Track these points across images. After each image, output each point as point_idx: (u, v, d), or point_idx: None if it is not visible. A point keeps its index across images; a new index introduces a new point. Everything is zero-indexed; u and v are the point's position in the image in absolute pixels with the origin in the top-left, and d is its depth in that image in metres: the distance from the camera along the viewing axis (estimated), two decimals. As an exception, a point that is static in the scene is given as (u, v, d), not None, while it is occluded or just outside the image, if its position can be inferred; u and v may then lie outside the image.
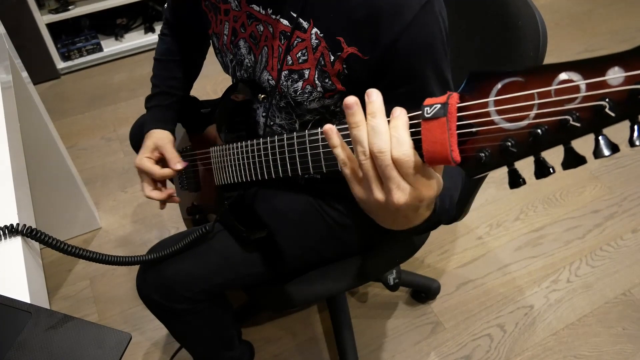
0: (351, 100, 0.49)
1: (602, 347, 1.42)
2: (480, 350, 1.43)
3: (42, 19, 2.28)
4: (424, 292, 1.53)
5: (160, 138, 1.01)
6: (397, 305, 1.54)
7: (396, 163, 0.48)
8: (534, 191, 1.86)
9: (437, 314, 1.51)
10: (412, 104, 0.49)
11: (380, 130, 0.48)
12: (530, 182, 0.44)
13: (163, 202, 1.07)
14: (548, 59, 0.88)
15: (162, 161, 1.03)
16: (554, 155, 0.42)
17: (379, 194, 0.51)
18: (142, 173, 1.02)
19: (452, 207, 0.72)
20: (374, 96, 0.49)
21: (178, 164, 1.00)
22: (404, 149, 0.48)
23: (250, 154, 0.80)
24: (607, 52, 0.36)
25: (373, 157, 0.49)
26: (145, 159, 1.01)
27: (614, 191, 1.85)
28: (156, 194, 1.02)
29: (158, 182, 1.05)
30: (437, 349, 1.44)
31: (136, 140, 1.24)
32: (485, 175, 0.94)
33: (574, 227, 1.74)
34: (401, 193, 0.50)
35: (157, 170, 1.00)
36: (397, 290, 1.50)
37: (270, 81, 0.84)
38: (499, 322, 1.49)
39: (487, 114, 0.43)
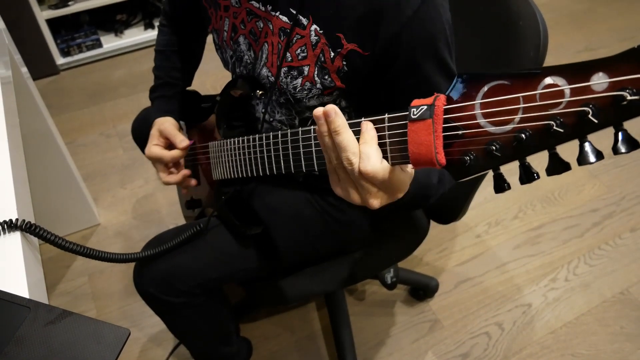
0: (319, 111, 0.53)
1: (600, 346, 1.43)
2: (478, 348, 1.43)
3: (42, 15, 2.28)
4: (422, 290, 1.54)
5: (162, 123, 1.02)
6: (395, 303, 1.54)
7: (364, 176, 0.51)
8: (532, 190, 1.87)
9: (435, 312, 1.52)
10: (418, 97, 0.49)
11: (345, 145, 0.52)
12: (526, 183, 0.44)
13: (185, 187, 1.07)
14: (547, 58, 0.88)
15: (172, 148, 1.03)
16: (540, 160, 0.42)
17: (355, 196, 0.55)
18: (155, 162, 1.03)
19: (445, 182, 0.74)
20: (332, 116, 0.52)
21: (183, 141, 1.00)
22: (371, 163, 0.51)
23: (246, 150, 0.80)
24: (607, 50, 0.36)
25: (344, 165, 0.53)
26: (153, 147, 1.01)
27: (612, 190, 1.86)
28: (172, 178, 1.03)
29: (172, 167, 1.05)
30: (435, 347, 1.44)
31: (138, 134, 1.24)
32: (483, 176, 0.94)
33: (572, 226, 1.74)
34: (374, 199, 0.54)
35: (166, 154, 1.00)
36: (394, 289, 1.50)
37: (269, 77, 0.84)
38: (497, 321, 1.49)
39: (473, 117, 0.43)
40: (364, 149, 0.51)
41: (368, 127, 0.52)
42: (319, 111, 0.53)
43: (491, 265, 1.64)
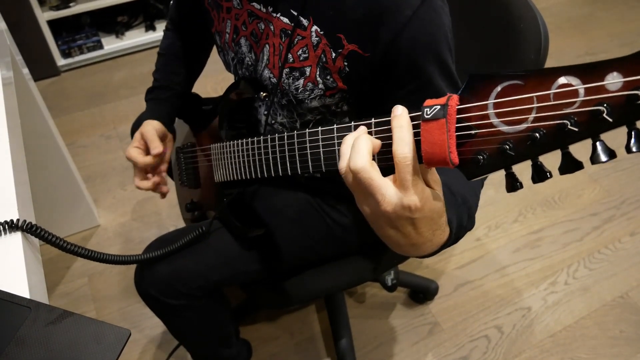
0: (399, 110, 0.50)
1: (599, 350, 1.42)
2: (478, 352, 1.43)
3: (43, 16, 2.28)
4: (422, 292, 1.54)
5: (145, 126, 1.02)
6: (395, 306, 1.54)
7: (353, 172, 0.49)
8: (532, 193, 1.87)
9: (435, 315, 1.51)
10: (420, 101, 0.49)
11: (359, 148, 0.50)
12: (528, 185, 0.44)
13: (161, 193, 1.08)
14: (548, 62, 0.88)
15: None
16: (551, 160, 0.42)
17: (365, 207, 0.52)
18: (133, 164, 1.04)
19: (471, 220, 0.68)
20: (358, 132, 0.51)
21: (156, 148, 1.00)
22: (405, 150, 0.47)
23: (250, 152, 0.80)
24: (607, 55, 0.37)
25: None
26: (132, 149, 1.02)
27: (612, 194, 1.86)
28: (143, 184, 1.04)
29: (149, 173, 1.06)
30: (434, 349, 1.44)
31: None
32: (484, 177, 0.94)
33: (572, 230, 1.74)
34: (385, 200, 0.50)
35: (140, 159, 1.01)
36: (394, 291, 1.50)
37: (271, 79, 0.84)
38: (496, 324, 1.49)
39: (487, 117, 0.43)
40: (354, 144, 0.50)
41: (404, 111, 0.50)
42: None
43: (491, 268, 1.64)
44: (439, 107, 0.46)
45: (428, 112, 0.46)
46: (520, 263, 1.65)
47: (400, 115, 0.49)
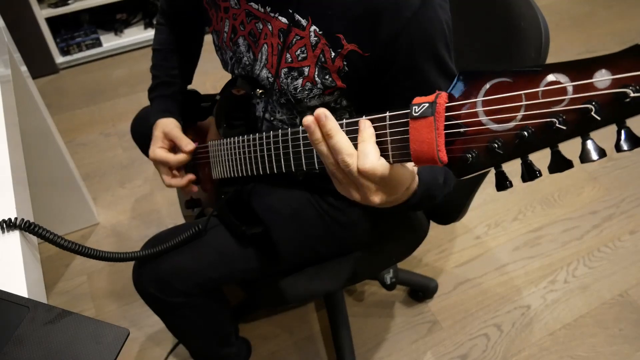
0: (308, 120, 0.53)
1: (599, 348, 1.42)
2: (477, 350, 1.43)
3: (42, 13, 2.28)
4: (421, 291, 1.54)
5: (166, 125, 1.01)
6: (394, 304, 1.54)
7: (362, 174, 0.52)
8: (532, 192, 1.87)
9: (434, 313, 1.51)
10: None
11: (339, 147, 0.52)
12: (528, 183, 0.44)
13: (186, 189, 1.07)
14: (549, 60, 0.88)
15: (175, 150, 1.03)
16: (543, 159, 0.42)
17: (356, 195, 0.56)
18: (159, 164, 1.03)
19: (450, 182, 0.73)
20: (323, 119, 0.52)
21: (188, 145, 1.00)
22: (369, 160, 0.51)
23: (246, 149, 0.80)
24: (607, 53, 0.36)
25: (341, 167, 0.53)
26: (158, 149, 1.01)
27: (612, 192, 1.86)
28: (176, 181, 1.03)
29: (175, 170, 1.05)
30: (433, 348, 1.44)
31: (137, 134, 1.24)
32: (483, 177, 0.94)
33: (571, 228, 1.74)
34: (374, 196, 0.55)
35: (172, 158, 1.00)
36: (394, 289, 1.50)
37: (269, 78, 0.84)
38: (495, 322, 1.49)
39: (475, 114, 0.43)
40: (361, 147, 0.52)
41: (366, 125, 0.53)
42: (308, 120, 0.53)
43: (490, 266, 1.64)
44: (427, 104, 0.46)
45: (416, 110, 0.46)
46: (520, 261, 1.65)
47: (362, 130, 0.53)
